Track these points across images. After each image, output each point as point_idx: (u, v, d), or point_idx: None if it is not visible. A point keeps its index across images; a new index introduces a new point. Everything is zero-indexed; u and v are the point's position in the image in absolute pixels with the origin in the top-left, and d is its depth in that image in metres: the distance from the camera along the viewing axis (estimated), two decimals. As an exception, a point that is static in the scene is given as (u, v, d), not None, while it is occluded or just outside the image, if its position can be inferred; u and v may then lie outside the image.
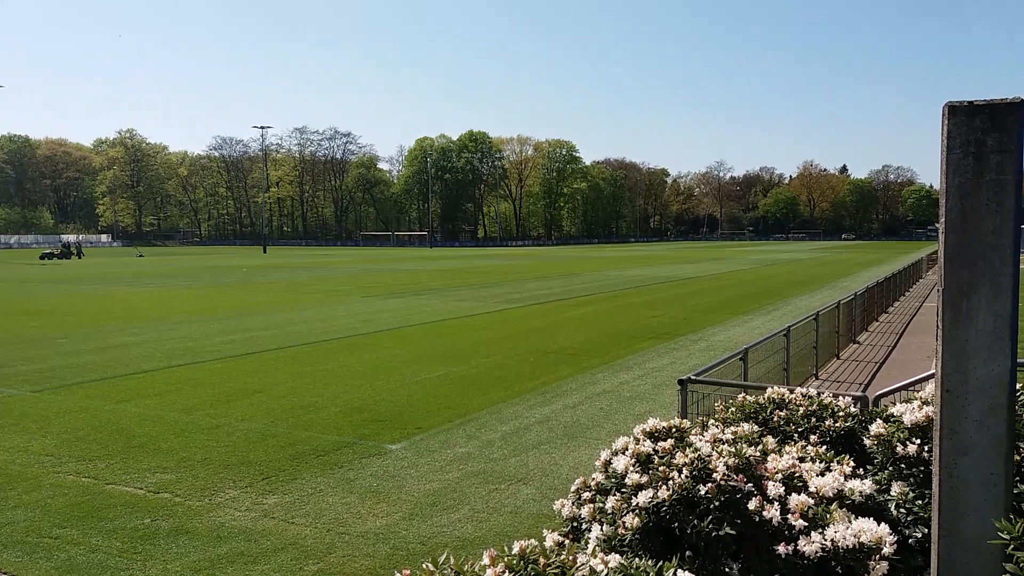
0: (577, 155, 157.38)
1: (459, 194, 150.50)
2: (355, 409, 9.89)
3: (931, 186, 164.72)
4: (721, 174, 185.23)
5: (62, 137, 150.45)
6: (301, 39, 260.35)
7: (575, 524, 3.82)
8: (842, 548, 3.00)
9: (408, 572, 2.89)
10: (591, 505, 3.74)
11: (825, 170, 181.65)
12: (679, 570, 2.74)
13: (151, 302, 25.68)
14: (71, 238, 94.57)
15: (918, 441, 3.64)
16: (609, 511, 3.59)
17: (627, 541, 3.39)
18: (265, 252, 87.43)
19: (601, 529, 3.50)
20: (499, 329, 18.02)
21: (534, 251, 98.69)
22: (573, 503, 3.95)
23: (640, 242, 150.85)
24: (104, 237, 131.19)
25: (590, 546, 3.28)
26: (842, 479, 3.46)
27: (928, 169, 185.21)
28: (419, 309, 22.76)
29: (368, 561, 5.38)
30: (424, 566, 2.84)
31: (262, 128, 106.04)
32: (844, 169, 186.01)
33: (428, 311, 22.15)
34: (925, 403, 3.86)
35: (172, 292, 30.05)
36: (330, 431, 8.82)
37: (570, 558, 2.90)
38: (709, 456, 3.57)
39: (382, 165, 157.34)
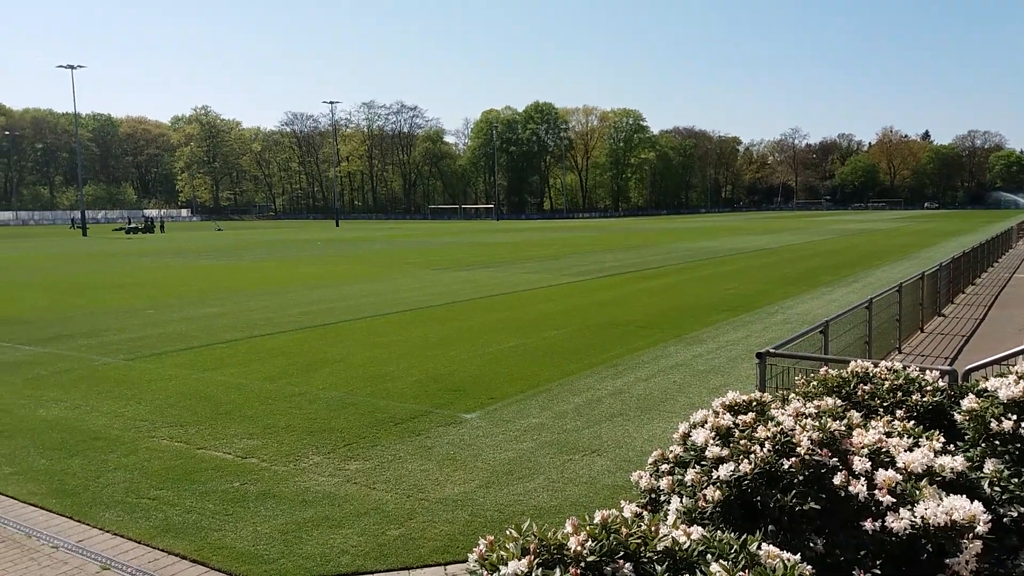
0: (644, 124, 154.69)
1: (525, 166, 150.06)
2: (430, 379, 10.09)
3: (1021, 151, 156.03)
4: (796, 141, 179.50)
5: (142, 115, 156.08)
6: (368, 14, 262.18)
7: (653, 496, 3.84)
8: (933, 526, 2.94)
9: (492, 538, 2.96)
10: (670, 477, 3.76)
11: (906, 136, 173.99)
12: (763, 543, 2.74)
13: (231, 274, 26.60)
14: (153, 213, 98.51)
15: (1014, 417, 3.52)
16: (688, 484, 3.59)
17: (708, 514, 3.40)
18: (337, 226, 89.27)
19: (681, 501, 3.51)
20: (569, 301, 18.02)
21: (601, 223, 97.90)
22: (651, 475, 3.96)
23: (711, 213, 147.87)
24: (184, 212, 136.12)
25: (670, 518, 3.30)
26: (931, 455, 3.37)
27: (1018, 133, 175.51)
28: (488, 281, 22.94)
29: (447, 527, 5.53)
30: (508, 532, 2.91)
31: (331, 103, 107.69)
32: (926, 135, 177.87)
33: (497, 283, 22.31)
34: (1022, 377, 3.72)
35: (250, 265, 31.05)
36: (407, 400, 9.03)
37: (652, 528, 2.93)
38: (792, 430, 3.53)
39: (448, 138, 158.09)
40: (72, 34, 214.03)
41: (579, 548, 2.64)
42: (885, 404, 4.24)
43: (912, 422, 3.88)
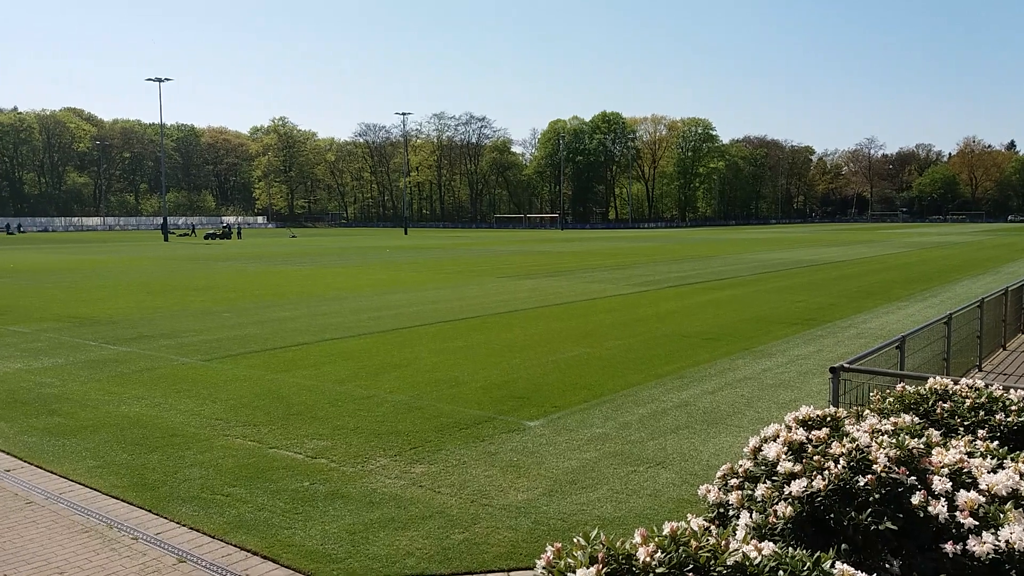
0: (714, 133, 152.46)
1: (591, 176, 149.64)
2: (494, 385, 10.15)
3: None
4: (872, 151, 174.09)
5: (223, 125, 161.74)
6: (441, 27, 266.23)
7: (721, 510, 3.78)
8: (1018, 551, 2.82)
9: (559, 546, 2.97)
10: (739, 492, 3.70)
11: (990, 146, 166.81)
12: (837, 562, 2.68)
13: (304, 280, 27.30)
14: (231, 219, 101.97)
15: (1109, 441, 3.35)
16: (759, 499, 3.54)
17: (778, 530, 3.33)
18: (406, 234, 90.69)
19: (750, 516, 3.45)
20: (633, 311, 17.88)
21: (667, 233, 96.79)
22: (719, 489, 3.91)
23: (782, 224, 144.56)
24: (260, 219, 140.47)
25: (739, 533, 3.25)
26: (1017, 477, 3.24)
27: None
28: (553, 290, 22.94)
29: (511, 534, 5.55)
30: (575, 540, 2.91)
31: (403, 114, 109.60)
32: (1012, 145, 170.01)
33: (562, 292, 22.29)
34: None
35: (323, 270, 31.81)
36: (471, 406, 9.11)
37: (722, 543, 2.89)
38: (868, 447, 3.44)
39: (515, 148, 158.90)
40: (160, 49, 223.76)
41: (648, 559, 2.63)
42: (966, 423, 4.09)
43: (996, 443, 3.73)
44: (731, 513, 3.64)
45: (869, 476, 3.22)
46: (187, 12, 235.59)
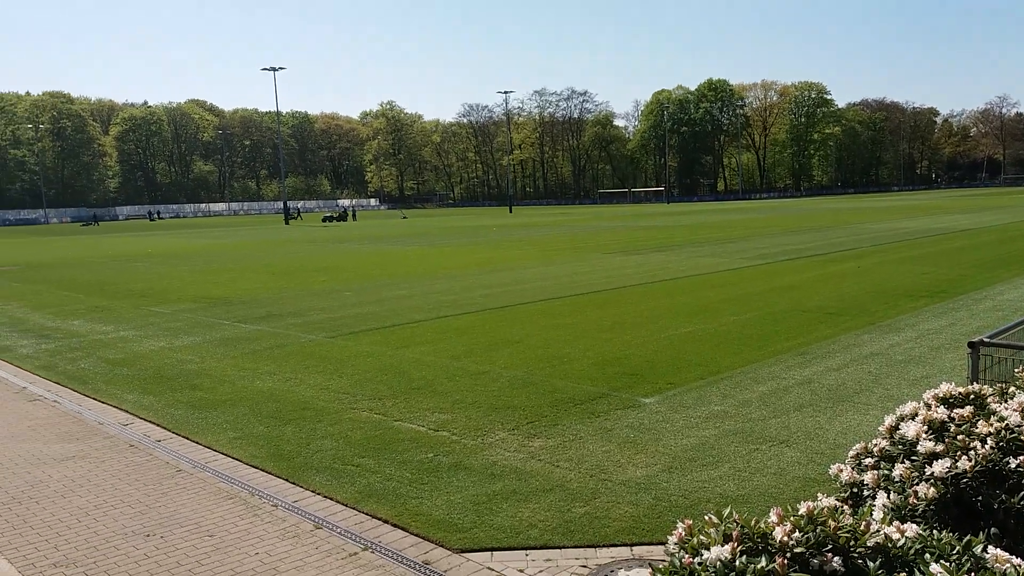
0: (829, 98, 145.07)
1: (697, 146, 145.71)
2: (606, 362, 10.16)
3: None
4: (1004, 111, 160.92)
5: (335, 111, 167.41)
6: (540, 4, 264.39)
7: (855, 490, 3.69)
8: None
9: (690, 523, 2.98)
10: (874, 472, 3.59)
11: None
12: (989, 546, 2.57)
13: (416, 259, 28.05)
14: (345, 202, 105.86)
15: None
16: (897, 479, 3.42)
17: (919, 512, 3.22)
18: (511, 212, 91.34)
19: (888, 497, 3.35)
20: (748, 286, 17.40)
21: (781, 203, 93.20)
22: (852, 468, 3.80)
23: (904, 191, 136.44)
24: (373, 201, 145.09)
25: (877, 514, 3.16)
26: None
27: None
28: (661, 265, 22.61)
29: (631, 508, 5.58)
30: (707, 518, 2.91)
31: (505, 93, 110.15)
32: None
33: (671, 267, 21.94)
34: None
35: (433, 250, 32.56)
36: (584, 382, 9.16)
37: (862, 524, 2.83)
38: (1019, 426, 3.27)
39: (618, 122, 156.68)
40: (273, 40, 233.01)
41: (785, 538, 2.61)
42: None
43: None
44: (866, 493, 3.54)
45: (1021, 457, 3.06)
46: (295, 2, 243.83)
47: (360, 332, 13.02)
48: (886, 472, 3.51)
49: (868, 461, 3.73)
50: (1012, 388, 4.14)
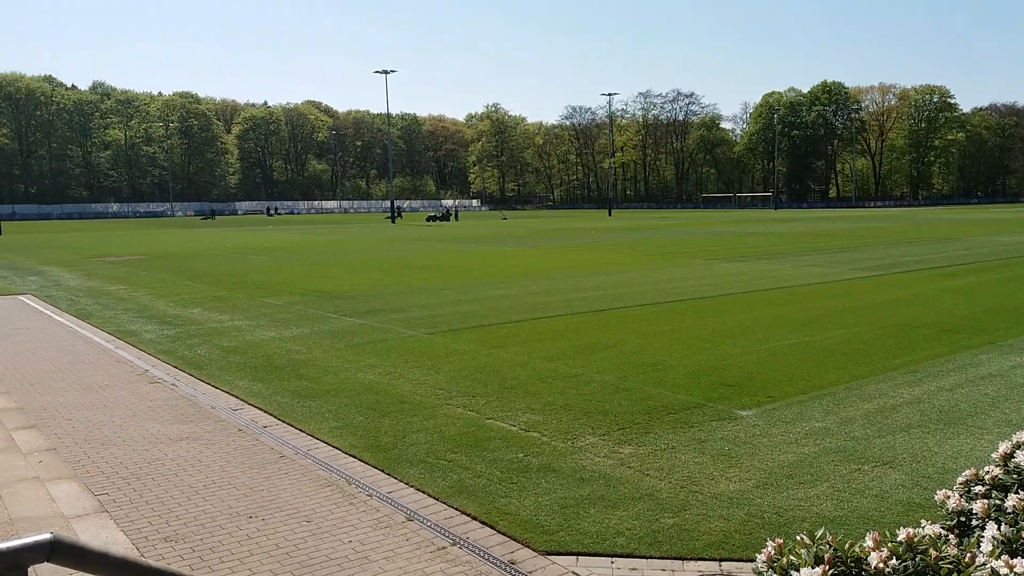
0: (952, 102, 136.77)
1: (808, 151, 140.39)
2: (703, 371, 9.96)
3: None
4: None
5: (441, 113, 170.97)
6: (645, 5, 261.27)
7: (962, 519, 3.51)
8: None
9: (780, 542, 2.91)
10: (985, 501, 3.41)
11: None
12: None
13: (515, 260, 28.30)
14: (449, 203, 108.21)
15: None
16: (1009, 510, 3.24)
17: (1034, 546, 3.03)
18: (610, 215, 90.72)
19: (999, 529, 3.17)
20: (857, 298, 16.66)
21: (897, 212, 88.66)
22: (961, 495, 3.62)
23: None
24: (475, 202, 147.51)
25: (985, 546, 3.00)
26: None
27: None
28: (765, 273, 21.95)
29: (722, 523, 5.47)
30: (799, 538, 2.84)
31: (609, 95, 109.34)
32: None
33: (775, 276, 21.26)
34: None
35: (531, 251, 32.76)
36: (679, 390, 9.02)
37: (966, 555, 2.69)
38: None
39: (724, 124, 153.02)
40: (386, 43, 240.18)
41: (881, 565, 2.51)
42: None
43: None
44: (974, 523, 3.37)
45: None
46: (405, 8, 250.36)
47: (458, 330, 13.26)
48: (998, 502, 3.33)
49: (979, 489, 3.55)
50: None
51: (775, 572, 2.67)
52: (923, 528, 2.89)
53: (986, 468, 3.67)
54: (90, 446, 7.41)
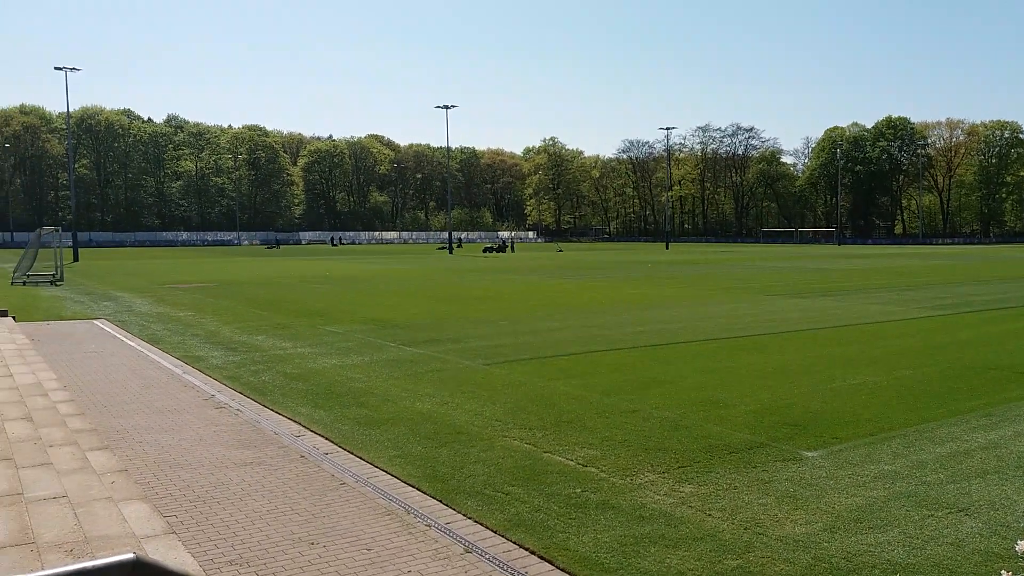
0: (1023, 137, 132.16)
1: (873, 186, 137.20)
2: (765, 410, 9.75)
3: None
4: None
5: (499, 147, 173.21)
6: (704, 39, 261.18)
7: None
8: None
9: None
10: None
11: None
12: None
13: (571, 292, 28.28)
14: (505, 234, 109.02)
15: None
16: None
17: None
18: (667, 248, 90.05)
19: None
20: (927, 338, 16.13)
21: (967, 250, 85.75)
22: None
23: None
24: (531, 234, 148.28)
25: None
26: None
27: None
28: (829, 310, 21.43)
29: (788, 567, 5.31)
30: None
31: (667, 129, 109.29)
32: None
33: (840, 313, 20.74)
34: None
35: (588, 283, 32.69)
36: (741, 429, 8.84)
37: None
38: None
39: (786, 159, 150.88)
40: (445, 78, 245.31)
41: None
42: None
43: None
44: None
45: None
46: (465, 44, 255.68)
47: (514, 361, 13.29)
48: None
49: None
50: None
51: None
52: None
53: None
54: (159, 468, 7.64)
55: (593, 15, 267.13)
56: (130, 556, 1.76)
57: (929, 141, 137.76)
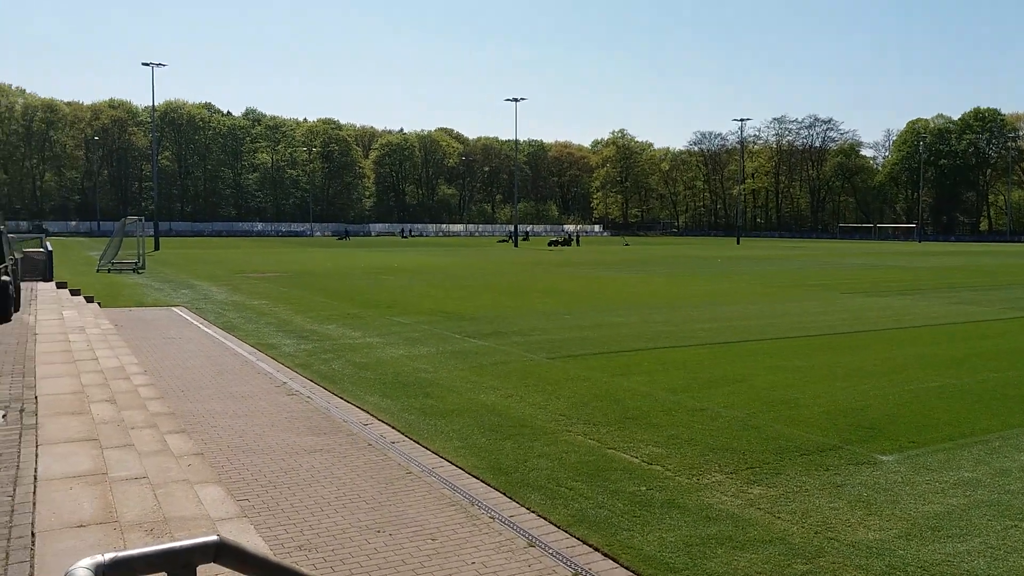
0: None
1: (957, 181, 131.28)
2: (839, 411, 9.46)
3: None
4: None
5: (567, 139, 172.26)
6: (777, 27, 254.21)
7: None
8: None
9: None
10: None
11: None
12: None
13: (636, 286, 28.00)
14: (571, 228, 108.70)
15: None
16: None
17: None
18: (738, 243, 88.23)
19: None
20: (1012, 339, 15.38)
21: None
22: None
23: None
24: (596, 227, 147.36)
25: None
26: None
27: None
28: (909, 310, 20.64)
29: (860, 573, 5.15)
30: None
31: (741, 121, 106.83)
32: None
33: (920, 313, 19.95)
34: None
35: (654, 278, 32.31)
36: (813, 431, 8.60)
37: None
38: None
39: (865, 152, 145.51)
40: (515, 70, 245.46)
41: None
42: None
43: None
44: None
45: None
46: (536, 36, 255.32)
47: (578, 356, 13.24)
48: None
49: None
50: None
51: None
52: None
53: None
54: (232, 453, 7.90)
55: (665, 3, 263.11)
56: (214, 538, 1.82)
57: (1020, 134, 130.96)
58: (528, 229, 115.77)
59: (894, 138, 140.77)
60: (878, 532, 5.83)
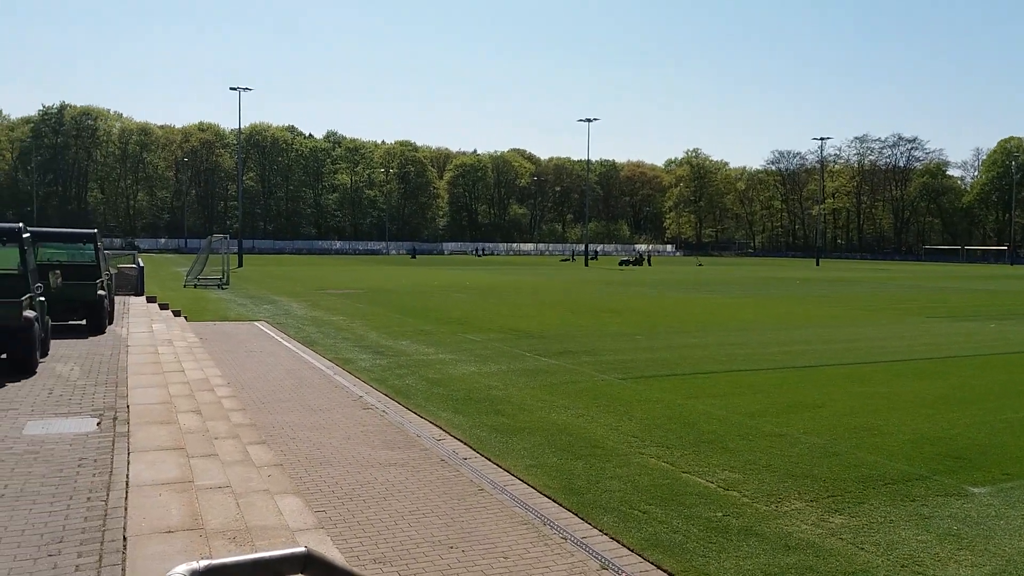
0: None
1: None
2: (926, 440, 9.06)
3: None
4: None
5: (640, 159, 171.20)
6: (863, 43, 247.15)
7: None
8: None
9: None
10: None
11: None
12: None
13: (711, 308, 27.49)
14: (642, 247, 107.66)
15: None
16: None
17: None
18: (817, 264, 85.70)
19: None
20: (1120, 370, 14.43)
21: None
22: None
23: None
24: (669, 247, 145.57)
25: None
26: None
27: None
28: (999, 335, 19.63)
29: (951, 612, 4.90)
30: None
31: (821, 139, 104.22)
32: None
33: (1010, 338, 18.96)
34: None
35: (729, 299, 31.67)
36: (898, 459, 8.26)
37: None
38: None
39: (952, 171, 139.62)
40: (587, 90, 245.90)
41: None
42: None
43: None
44: None
45: None
46: (610, 56, 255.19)
47: (650, 377, 13.07)
48: None
49: None
50: None
51: None
52: None
53: None
54: (310, 464, 8.09)
55: (740, 19, 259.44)
56: (302, 550, 1.86)
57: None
58: (598, 248, 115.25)
59: (983, 157, 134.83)
60: (970, 568, 5.55)
